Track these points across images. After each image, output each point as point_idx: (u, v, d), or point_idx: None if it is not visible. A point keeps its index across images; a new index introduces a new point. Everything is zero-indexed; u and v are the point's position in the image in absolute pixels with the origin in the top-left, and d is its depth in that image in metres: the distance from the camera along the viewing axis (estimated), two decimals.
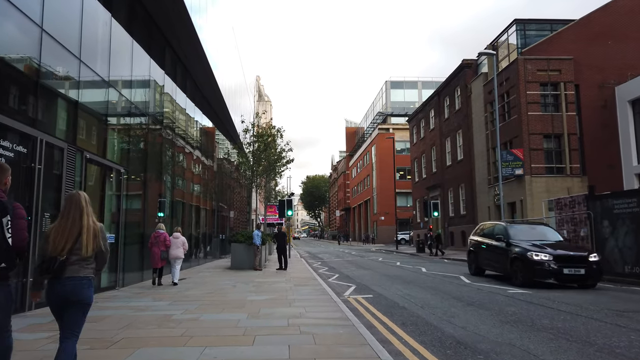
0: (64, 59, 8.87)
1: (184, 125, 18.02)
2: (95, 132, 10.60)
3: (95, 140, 10.49)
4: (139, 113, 12.96)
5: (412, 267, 18.62)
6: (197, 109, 19.63)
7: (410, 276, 14.43)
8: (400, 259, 25.21)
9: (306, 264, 20.96)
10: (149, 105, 13.85)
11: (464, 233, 32.72)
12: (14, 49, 7.66)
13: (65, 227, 3.41)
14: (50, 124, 8.50)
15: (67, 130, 9.08)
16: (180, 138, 17.21)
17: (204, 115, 20.44)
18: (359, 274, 15.74)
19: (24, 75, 7.91)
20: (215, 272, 16.30)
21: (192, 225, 19.47)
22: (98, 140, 10.57)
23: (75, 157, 9.10)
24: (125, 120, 12.12)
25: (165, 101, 15.37)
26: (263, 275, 14.80)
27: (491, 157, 28.64)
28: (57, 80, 8.90)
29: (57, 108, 8.99)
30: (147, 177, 13.76)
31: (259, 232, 17.06)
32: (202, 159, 20.62)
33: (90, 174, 10.15)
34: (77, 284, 3.38)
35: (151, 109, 14.00)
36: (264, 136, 20.05)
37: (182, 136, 17.45)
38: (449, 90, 35.71)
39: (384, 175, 59.76)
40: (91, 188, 10.24)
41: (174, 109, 16.57)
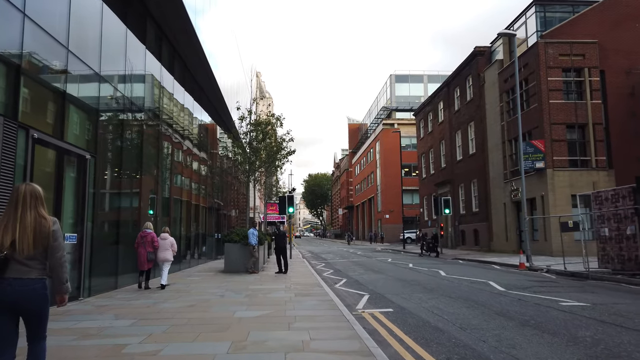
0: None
1: (176, 114, 16.08)
2: (51, 108, 8.64)
3: (50, 118, 8.54)
4: (113, 92, 11.01)
5: (427, 269, 16.65)
6: (187, 95, 17.66)
7: (430, 281, 12.45)
8: (410, 259, 23.25)
9: (309, 265, 19.01)
10: (131, 88, 11.92)
11: (476, 232, 30.74)
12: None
13: (7, 221, 3.21)
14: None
15: (6, 102, 7.13)
16: (169, 127, 15.27)
17: (195, 102, 18.46)
18: (369, 278, 13.77)
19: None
20: (205, 276, 14.36)
21: (185, 224, 17.57)
22: (54, 119, 8.61)
23: (17, 136, 7.16)
24: (94, 99, 10.16)
25: (148, 83, 13.41)
26: (259, 280, 12.85)
27: (507, 150, 26.62)
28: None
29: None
30: (126, 169, 11.82)
31: (255, 231, 15.11)
32: (194, 151, 18.67)
33: (43, 158, 8.20)
34: (27, 290, 3.15)
35: (132, 90, 12.05)
36: (261, 124, 18.05)
37: (169, 124, 15.50)
38: (459, 81, 33.67)
39: (388, 172, 57.76)
40: (44, 176, 8.31)
41: (160, 93, 14.62)
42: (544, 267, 16.46)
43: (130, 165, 12.31)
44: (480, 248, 29.62)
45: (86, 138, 9.78)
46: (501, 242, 27.35)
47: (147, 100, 13.35)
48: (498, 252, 27.03)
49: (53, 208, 8.23)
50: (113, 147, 11.20)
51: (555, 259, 19.76)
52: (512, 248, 26.00)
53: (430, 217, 40.28)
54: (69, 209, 9.09)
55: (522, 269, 16.95)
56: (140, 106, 12.76)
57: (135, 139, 12.67)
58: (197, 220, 19.69)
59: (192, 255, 18.97)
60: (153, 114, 13.92)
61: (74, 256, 8.95)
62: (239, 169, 20.81)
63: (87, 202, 9.40)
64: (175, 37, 15.31)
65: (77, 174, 9.35)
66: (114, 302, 8.63)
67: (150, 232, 10.68)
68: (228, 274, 14.85)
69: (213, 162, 22.51)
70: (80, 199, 9.32)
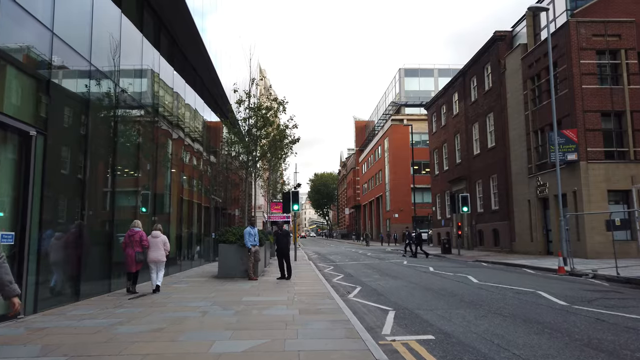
0: None
1: (163, 97, 13.99)
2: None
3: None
4: (77, 60, 8.90)
5: (452, 274, 14.41)
6: (177, 76, 15.56)
7: (465, 291, 10.23)
8: (427, 262, 21.00)
9: (315, 269, 16.85)
10: (102, 55, 9.84)
11: (495, 232, 28.43)
12: None
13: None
14: None
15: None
16: (155, 112, 13.17)
17: (187, 86, 16.33)
18: (388, 285, 11.56)
19: None
20: (195, 282, 12.23)
21: (178, 222, 15.50)
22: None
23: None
24: (44, 64, 8.04)
25: (127, 53, 11.29)
26: (257, 289, 10.69)
27: (532, 142, 24.29)
28: None
29: None
30: (97, 156, 9.73)
31: (252, 230, 12.97)
32: (187, 141, 16.58)
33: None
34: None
35: (103, 58, 9.95)
36: (262, 109, 15.88)
37: (156, 108, 13.40)
38: (476, 69, 31.35)
39: (397, 170, 55.53)
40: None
41: (144, 69, 12.53)
42: (588, 272, 14.16)
43: (104, 152, 10.22)
44: (501, 249, 27.30)
45: (33, 111, 7.66)
46: (525, 243, 25.03)
47: (125, 74, 11.24)
48: (521, 253, 24.72)
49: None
50: (74, 126, 9.09)
51: (593, 262, 17.48)
52: (537, 249, 23.70)
53: (444, 215, 38.01)
54: (4, 199, 6.98)
55: (562, 273, 14.68)
56: (115, 80, 10.64)
57: (110, 120, 10.58)
58: (193, 218, 17.60)
59: (187, 257, 16.89)
60: (135, 95, 11.81)
61: (11, 261, 6.85)
62: (237, 161, 18.62)
63: (31, 191, 7.28)
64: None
65: (18, 156, 7.24)
66: (59, 323, 6.50)
67: (139, 230, 9.70)
68: (222, 280, 12.71)
69: (211, 155, 20.41)
70: (22, 187, 7.20)
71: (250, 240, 12.77)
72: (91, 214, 9.52)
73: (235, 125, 16.53)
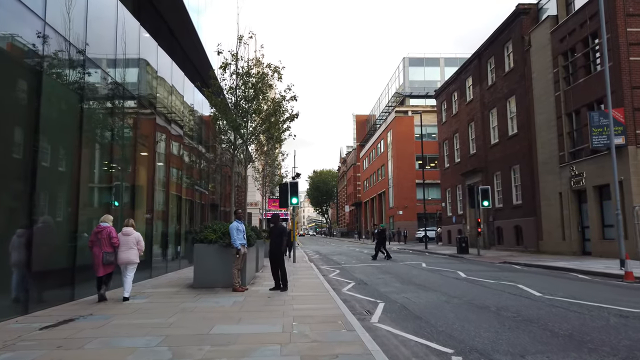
0: None
1: (131, 68, 10.92)
2: None
3: None
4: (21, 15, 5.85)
5: (494, 281, 11.34)
6: (149, 38, 12.43)
7: (539, 313, 7.15)
8: (446, 263, 17.95)
9: (318, 273, 13.80)
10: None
11: (518, 229, 25.39)
12: None
13: None
14: None
15: None
16: (121, 86, 10.08)
17: (160, 49, 13.18)
18: (421, 301, 8.49)
19: None
20: (159, 295, 9.16)
21: (158, 218, 12.46)
22: None
23: None
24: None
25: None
26: (241, 307, 7.63)
27: (565, 126, 21.24)
28: None
29: None
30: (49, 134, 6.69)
31: (240, 226, 9.91)
32: (161, 122, 13.50)
33: None
34: None
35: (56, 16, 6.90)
36: (252, 76, 12.75)
37: (123, 85, 10.30)
38: (495, 49, 28.28)
39: (401, 164, 52.46)
40: None
41: (101, 26, 9.45)
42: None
43: (59, 132, 7.19)
44: (525, 249, 24.27)
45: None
46: (554, 242, 21.99)
47: (76, 27, 8.15)
48: (550, 253, 21.71)
49: None
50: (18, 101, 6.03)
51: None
52: (571, 249, 20.67)
53: (455, 212, 34.98)
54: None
55: (631, 280, 11.63)
56: (68, 37, 7.56)
57: (64, 94, 7.52)
58: (170, 212, 14.50)
59: (162, 260, 13.84)
60: (95, 60, 8.72)
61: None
62: (223, 141, 15.35)
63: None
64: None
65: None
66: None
67: (107, 226, 8.27)
68: (197, 291, 9.64)
69: (196, 142, 17.30)
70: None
71: (239, 238, 9.72)
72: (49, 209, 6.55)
73: (218, 95, 13.33)
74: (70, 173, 8.55)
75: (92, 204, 9.56)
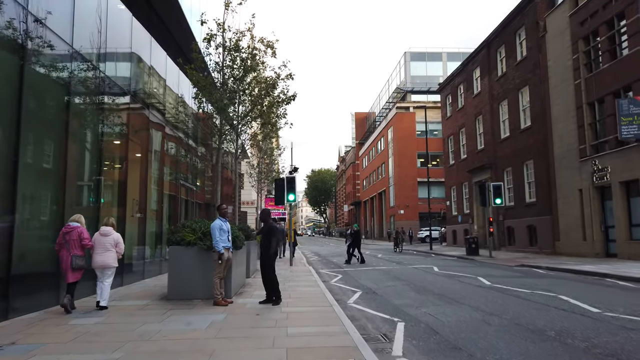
0: None
1: (106, 45, 9.12)
2: None
3: None
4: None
5: (527, 290, 9.55)
6: (123, 10, 10.60)
7: (617, 337, 5.41)
8: (459, 266, 16.18)
9: (318, 279, 12.01)
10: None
11: (532, 228, 23.64)
12: None
13: None
14: None
15: None
16: (95, 68, 8.28)
17: (136, 21, 11.35)
18: (450, 320, 6.71)
19: None
20: (121, 311, 7.36)
21: (137, 218, 10.65)
22: None
23: None
24: None
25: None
26: (217, 330, 5.84)
27: (587, 117, 19.48)
28: None
29: None
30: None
31: (224, 224, 8.11)
32: (144, 113, 11.69)
33: None
34: None
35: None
36: (241, 50, 10.89)
37: (94, 64, 8.49)
38: (505, 37, 26.52)
39: (403, 162, 50.65)
40: None
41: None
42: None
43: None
44: (539, 250, 22.52)
45: None
46: (574, 242, 20.24)
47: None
48: (569, 255, 19.98)
49: None
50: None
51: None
52: (593, 250, 18.92)
53: (461, 211, 33.23)
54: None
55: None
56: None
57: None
58: (148, 209, 12.68)
59: (143, 263, 12.04)
60: (63, 38, 6.92)
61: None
62: (209, 129, 13.38)
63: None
64: None
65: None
66: None
67: (77, 226, 7.28)
68: (170, 305, 7.84)
69: (180, 132, 15.48)
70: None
71: (222, 240, 7.93)
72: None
73: (202, 72, 11.43)
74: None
75: (33, 200, 7.75)
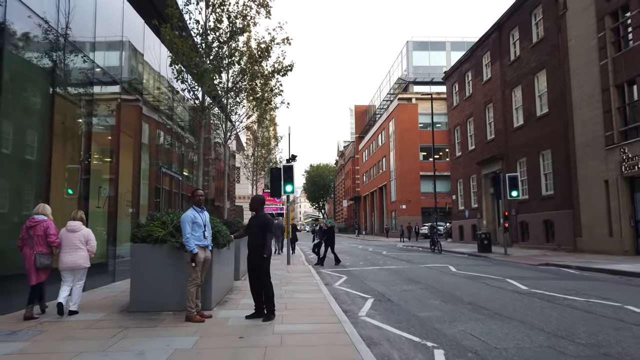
0: None
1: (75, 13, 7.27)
2: None
3: None
4: None
5: (580, 298, 7.76)
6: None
7: None
8: (480, 266, 14.40)
9: (319, 281, 10.20)
10: None
11: (549, 223, 21.86)
12: None
13: None
14: None
15: None
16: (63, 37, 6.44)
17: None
18: (511, 346, 4.92)
19: None
20: (64, 328, 5.55)
21: (109, 210, 8.83)
22: None
23: None
24: None
25: None
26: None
27: (615, 101, 17.67)
28: None
29: None
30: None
31: (201, 215, 6.28)
32: (119, 91, 9.83)
33: None
34: None
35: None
36: (227, 3, 8.99)
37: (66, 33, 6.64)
38: (519, 18, 24.66)
39: (405, 155, 48.81)
40: None
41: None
42: None
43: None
44: (558, 246, 20.75)
45: None
46: (598, 239, 18.47)
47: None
48: (592, 252, 18.23)
49: None
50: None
51: None
52: (621, 247, 17.15)
53: (468, 205, 31.46)
54: None
55: None
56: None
57: None
58: (120, 201, 10.85)
59: (113, 263, 10.24)
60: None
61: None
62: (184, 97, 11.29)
63: None
64: None
65: None
66: None
67: (43, 219, 6.18)
68: (131, 319, 6.01)
69: (163, 116, 13.60)
70: None
71: (195, 237, 6.10)
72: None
73: (181, 32, 9.49)
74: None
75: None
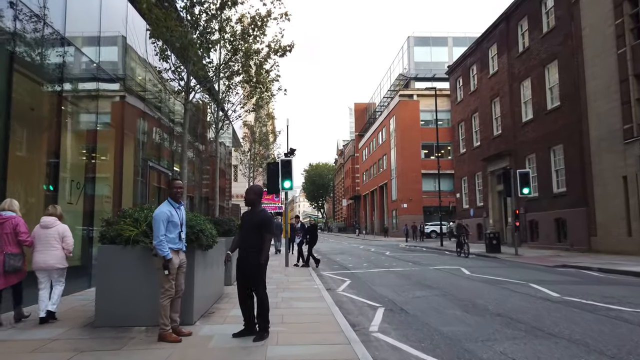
0: None
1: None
2: None
3: None
4: None
5: (629, 309, 6.68)
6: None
7: None
8: (493, 268, 13.32)
9: (320, 286, 9.11)
10: None
11: (561, 222, 20.78)
12: None
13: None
14: None
15: None
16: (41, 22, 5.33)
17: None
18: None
19: None
20: (8, 350, 4.42)
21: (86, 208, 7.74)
22: None
23: None
24: None
25: None
26: None
27: (634, 91, 16.59)
28: None
29: None
30: None
31: (176, 211, 5.15)
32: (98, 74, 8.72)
33: None
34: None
35: None
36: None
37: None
38: (528, 7, 23.57)
39: (406, 153, 47.72)
40: None
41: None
42: None
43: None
44: (570, 246, 19.67)
45: None
46: (615, 238, 17.40)
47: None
48: (609, 252, 17.18)
49: None
50: None
51: None
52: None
53: (473, 203, 30.38)
54: None
55: None
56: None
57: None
58: (98, 196, 9.74)
59: (89, 268, 9.07)
60: None
61: None
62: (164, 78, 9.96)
63: None
64: None
65: None
66: None
67: (12, 216, 5.56)
68: (93, 338, 4.90)
69: (147, 105, 12.50)
70: None
71: (170, 239, 4.97)
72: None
73: (164, 1, 8.34)
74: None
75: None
